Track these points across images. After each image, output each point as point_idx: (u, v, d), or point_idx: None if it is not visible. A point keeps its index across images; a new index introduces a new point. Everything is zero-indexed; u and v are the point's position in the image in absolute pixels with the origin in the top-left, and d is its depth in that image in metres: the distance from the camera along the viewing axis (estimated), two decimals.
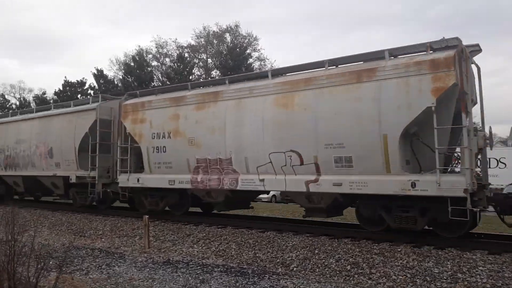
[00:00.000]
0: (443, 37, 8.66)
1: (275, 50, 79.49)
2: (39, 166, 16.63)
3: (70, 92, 43.48)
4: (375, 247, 8.72)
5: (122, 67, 45.60)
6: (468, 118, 8.23)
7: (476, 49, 9.16)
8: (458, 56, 8.18)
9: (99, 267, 8.92)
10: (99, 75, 43.87)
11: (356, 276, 7.71)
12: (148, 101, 13.24)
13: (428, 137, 8.55)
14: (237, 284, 7.54)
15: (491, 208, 8.75)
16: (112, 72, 46.87)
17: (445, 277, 7.12)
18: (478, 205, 8.08)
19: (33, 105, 46.58)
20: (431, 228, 9.18)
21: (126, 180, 13.55)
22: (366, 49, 10.58)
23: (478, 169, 8.89)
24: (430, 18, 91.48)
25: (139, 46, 45.39)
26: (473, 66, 9.23)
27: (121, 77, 45.01)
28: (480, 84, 9.41)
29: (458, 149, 9.11)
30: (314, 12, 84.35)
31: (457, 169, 9.44)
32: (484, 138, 8.54)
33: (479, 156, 8.76)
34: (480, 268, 7.22)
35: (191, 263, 9.14)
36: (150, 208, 13.40)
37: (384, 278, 7.45)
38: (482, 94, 9.42)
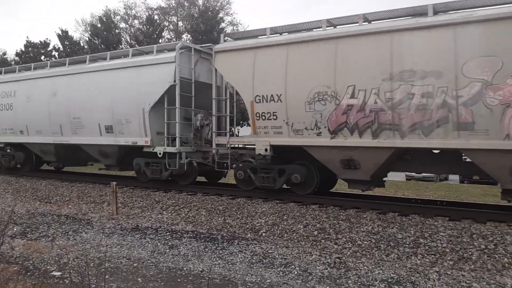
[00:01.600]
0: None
1: (252, 13, 77.68)
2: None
3: (33, 54, 41.39)
4: (341, 213, 8.95)
5: (89, 29, 43.69)
6: None
7: None
8: None
9: (66, 234, 8.78)
10: (63, 36, 41.84)
11: (322, 241, 7.90)
12: None
13: None
14: (206, 249, 7.61)
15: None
16: (78, 34, 44.93)
17: (408, 242, 7.40)
18: None
19: None
20: None
21: None
22: None
23: None
24: None
25: (107, 6, 43.46)
26: None
27: (87, 38, 43.17)
28: None
29: None
30: None
31: None
32: None
33: None
34: (441, 233, 7.53)
35: (160, 229, 9.12)
36: None
37: (349, 243, 7.67)
38: None
